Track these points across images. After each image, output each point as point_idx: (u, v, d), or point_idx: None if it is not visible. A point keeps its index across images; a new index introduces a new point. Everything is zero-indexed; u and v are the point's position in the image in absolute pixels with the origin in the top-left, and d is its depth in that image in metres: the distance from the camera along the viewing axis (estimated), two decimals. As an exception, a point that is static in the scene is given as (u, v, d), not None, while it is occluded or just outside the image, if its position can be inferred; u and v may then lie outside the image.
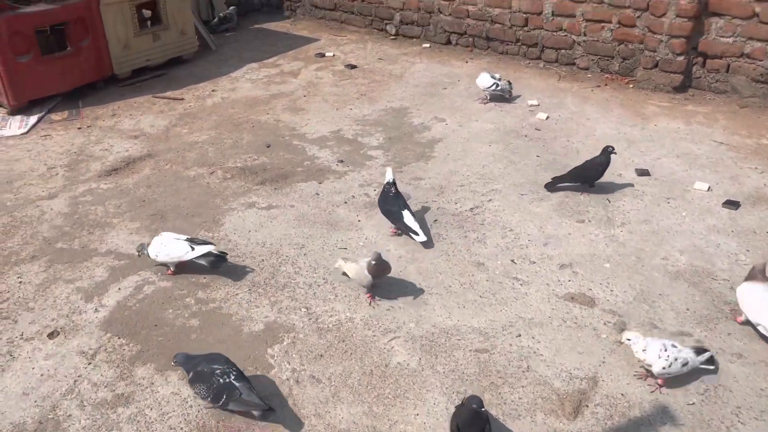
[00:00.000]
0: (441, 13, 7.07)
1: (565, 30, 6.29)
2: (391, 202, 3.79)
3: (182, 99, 5.88)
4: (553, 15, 6.29)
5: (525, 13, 6.45)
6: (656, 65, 5.73)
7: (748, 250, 3.55)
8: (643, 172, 4.40)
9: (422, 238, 3.66)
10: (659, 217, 3.91)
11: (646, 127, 5.12)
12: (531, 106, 5.57)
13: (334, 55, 6.96)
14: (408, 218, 3.69)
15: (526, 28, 6.52)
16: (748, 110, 5.36)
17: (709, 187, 4.17)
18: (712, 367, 2.77)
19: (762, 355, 2.90)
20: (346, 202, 4.17)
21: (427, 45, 7.22)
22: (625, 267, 3.48)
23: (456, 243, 3.75)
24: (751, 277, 3.01)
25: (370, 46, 7.28)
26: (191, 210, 4.14)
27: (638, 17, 5.81)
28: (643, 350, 2.66)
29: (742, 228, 3.77)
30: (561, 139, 4.95)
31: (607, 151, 4.08)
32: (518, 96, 5.74)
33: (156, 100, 5.85)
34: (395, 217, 3.75)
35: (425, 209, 4.08)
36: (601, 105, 5.55)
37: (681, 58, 5.59)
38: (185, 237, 3.47)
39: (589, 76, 6.23)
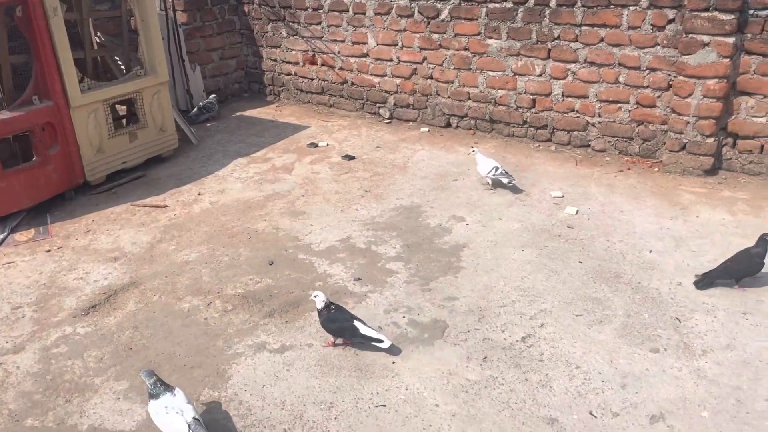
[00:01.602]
0: (439, 95, 6.65)
1: (577, 111, 5.89)
2: (339, 318, 3.41)
3: (165, 206, 5.24)
4: (563, 96, 5.90)
5: (532, 94, 6.06)
6: (683, 148, 5.32)
7: None
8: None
9: (387, 344, 3.35)
10: (743, 340, 3.35)
11: (689, 219, 4.64)
12: (555, 198, 5.06)
13: (328, 145, 6.43)
14: (364, 329, 3.36)
15: (533, 110, 6.12)
16: (790, 193, 4.94)
17: (795, 299, 3.65)
18: None
19: None
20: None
21: (426, 129, 6.76)
22: (727, 415, 2.88)
23: (517, 389, 3.11)
24: None
25: (365, 132, 6.79)
26: (189, 359, 3.44)
27: (659, 97, 5.44)
28: None
29: (844, 350, 3.23)
30: (600, 240, 4.42)
31: (765, 240, 3.72)
32: (533, 185, 5.23)
33: (136, 210, 5.20)
34: (351, 332, 3.38)
35: (467, 341, 3.44)
36: (631, 194, 5.07)
37: (711, 139, 5.19)
38: (191, 414, 2.77)
39: (607, 159, 5.79)
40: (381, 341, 3.35)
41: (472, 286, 3.96)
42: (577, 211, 4.82)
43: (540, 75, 5.95)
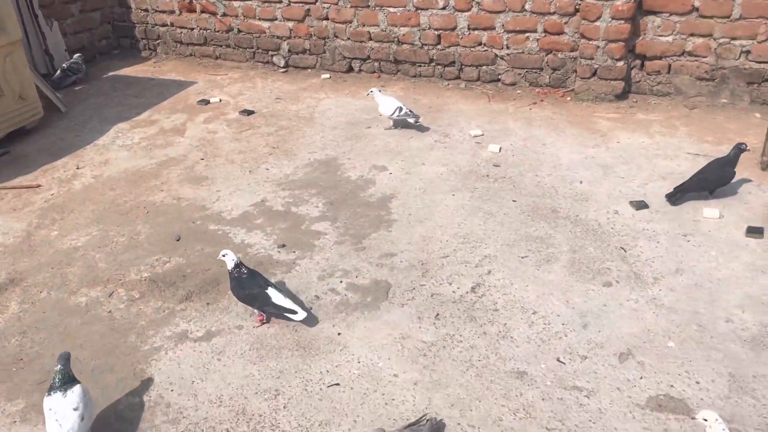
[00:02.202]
0: (338, 38, 6.16)
1: (484, 44, 5.63)
2: (249, 284, 3.01)
3: (39, 186, 4.49)
4: (469, 29, 5.61)
5: (436, 29, 5.72)
6: (594, 74, 5.22)
7: (810, 291, 3.00)
8: (640, 205, 3.78)
9: (301, 315, 2.96)
10: (690, 262, 3.29)
11: (610, 145, 4.55)
12: (476, 137, 4.82)
13: (221, 101, 5.80)
14: (277, 297, 2.97)
15: (439, 47, 5.79)
16: (699, 111, 4.99)
17: (721, 214, 3.63)
18: None
19: None
20: (311, 308, 3.14)
21: (327, 75, 6.28)
22: (693, 343, 2.79)
23: (477, 345, 2.86)
24: None
25: (260, 83, 6.20)
26: (97, 361, 2.91)
27: (566, 23, 5.28)
28: None
29: (782, 260, 3.24)
30: (528, 175, 4.23)
31: (740, 149, 3.71)
32: (450, 125, 4.97)
33: (3, 193, 4.41)
34: (261, 301, 2.99)
35: (415, 299, 3.15)
36: (550, 126, 4.93)
37: (621, 63, 5.12)
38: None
39: (519, 92, 5.62)
40: (294, 312, 2.94)
41: (408, 239, 3.65)
42: (500, 149, 4.60)
43: (444, 8, 5.62)
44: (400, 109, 4.88)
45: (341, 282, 3.32)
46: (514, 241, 3.55)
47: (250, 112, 5.52)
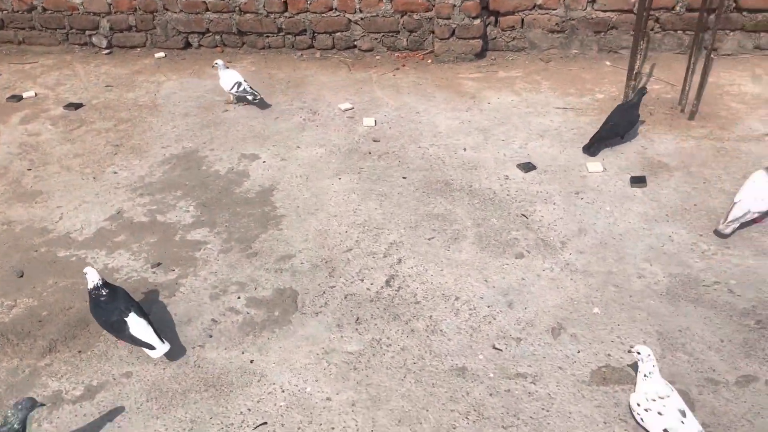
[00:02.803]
0: (168, 10, 5.46)
1: (336, 9, 5.28)
2: (107, 309, 2.58)
3: None
4: (317, -7, 5.21)
5: (281, -5, 5.25)
6: (453, 33, 5.11)
7: (701, 234, 3.14)
8: (527, 167, 3.74)
9: (161, 349, 2.55)
10: (589, 221, 3.30)
11: (482, 107, 4.49)
12: (346, 111, 4.52)
13: (36, 95, 4.91)
14: (136, 326, 2.53)
15: (287, 14, 5.34)
16: (554, 64, 5.09)
17: (604, 167, 3.70)
18: None
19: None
20: (211, 336, 2.71)
21: (162, 54, 5.56)
22: (616, 306, 2.79)
23: (408, 346, 2.64)
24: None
25: (82, 70, 5.34)
26: (-56, 459, 2.26)
27: (419, -18, 5.07)
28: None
29: (671, 206, 3.36)
30: (411, 148, 4.04)
31: (643, 93, 3.88)
32: (316, 100, 4.62)
33: None
34: (117, 330, 2.56)
35: (329, 305, 2.84)
36: (418, 92, 4.75)
37: (477, 21, 5.05)
38: None
39: (378, 58, 5.37)
40: (153, 348, 2.52)
41: (303, 235, 3.30)
42: (375, 122, 4.34)
43: (287, -29, 5.15)
44: (239, 84, 4.47)
45: (239, 298, 2.91)
46: (416, 223, 3.34)
47: (77, 106, 4.72)
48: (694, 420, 2.13)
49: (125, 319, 2.52)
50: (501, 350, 2.59)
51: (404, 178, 3.73)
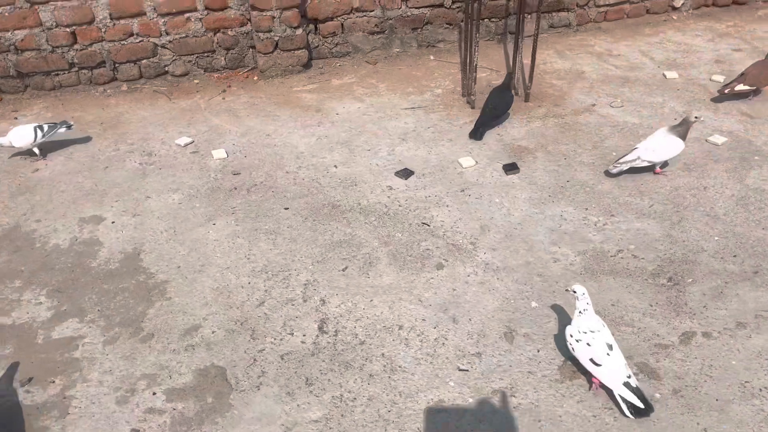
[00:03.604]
0: None
1: (137, 34, 4.69)
2: None
3: None
4: (112, 19, 4.58)
5: (68, 26, 4.52)
6: (276, 47, 4.84)
7: (586, 209, 3.34)
8: (406, 174, 3.68)
9: None
10: (486, 216, 3.34)
11: (333, 119, 4.32)
12: (187, 146, 4.04)
13: None
14: None
15: (78, 47, 4.62)
16: (382, 65, 5.09)
17: (475, 160, 3.78)
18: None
19: None
20: (140, 452, 2.21)
21: None
22: (548, 295, 2.84)
23: (375, 394, 2.41)
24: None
25: None
26: None
27: (229, -4, 4.71)
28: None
29: (549, 187, 3.52)
30: (278, 174, 3.74)
31: (511, 76, 4.10)
32: (145, 140, 4.08)
33: None
34: None
35: (266, 373, 2.49)
36: (258, 113, 4.43)
37: (300, 30, 4.84)
38: None
39: (197, 82, 4.90)
40: None
41: (200, 299, 2.86)
42: (226, 153, 3.93)
43: (71, -3, 4.43)
44: (41, 128, 3.83)
45: (154, 394, 2.41)
46: (321, 255, 3.08)
47: None
48: (620, 354, 2.31)
49: None
50: (467, 370, 2.48)
51: (286, 209, 3.42)
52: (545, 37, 5.40)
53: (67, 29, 4.51)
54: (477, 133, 3.95)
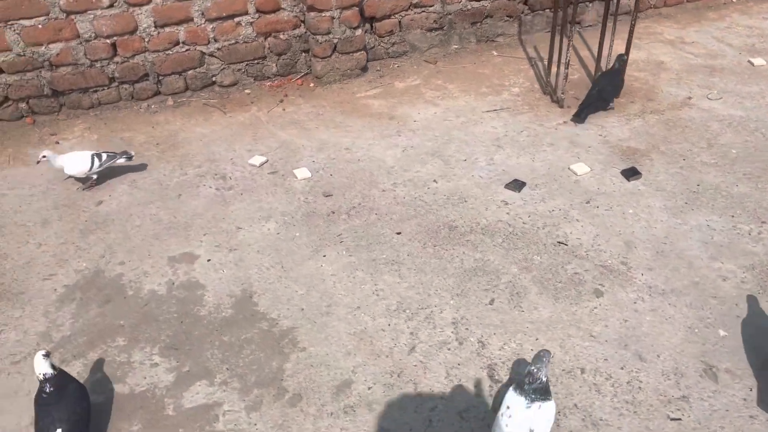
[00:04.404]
0: (-61, 81, 3.91)
1: (184, 43, 4.26)
2: (41, 413, 2.11)
3: None
4: (156, 27, 4.14)
5: (108, 37, 4.07)
6: (335, 49, 4.45)
7: (732, 216, 3.06)
8: (517, 186, 3.35)
9: None
10: (626, 231, 3.03)
11: (412, 127, 3.97)
12: (261, 165, 3.65)
13: None
14: None
15: (118, 59, 4.17)
16: (444, 64, 4.75)
17: (589, 167, 3.47)
18: None
19: None
20: None
21: (-56, 143, 3.99)
22: (732, 318, 2.54)
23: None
24: None
25: None
26: None
27: (282, -4, 4.31)
28: None
29: (680, 192, 3.23)
30: (374, 193, 3.38)
31: (622, 59, 3.81)
32: (214, 160, 3.68)
33: None
34: None
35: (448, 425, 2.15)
36: (327, 124, 4.05)
37: (359, 31, 4.46)
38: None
39: (248, 93, 4.49)
40: None
41: (341, 348, 2.50)
42: (310, 173, 3.56)
43: (111, 5, 3.98)
44: (98, 156, 3.44)
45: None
46: (458, 287, 2.74)
47: None
48: None
49: None
50: (680, 419, 2.17)
51: (398, 233, 3.07)
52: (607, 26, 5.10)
53: (107, 40, 4.06)
54: (580, 116, 3.79)
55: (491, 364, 2.39)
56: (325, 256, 2.94)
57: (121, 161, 3.51)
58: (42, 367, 2.09)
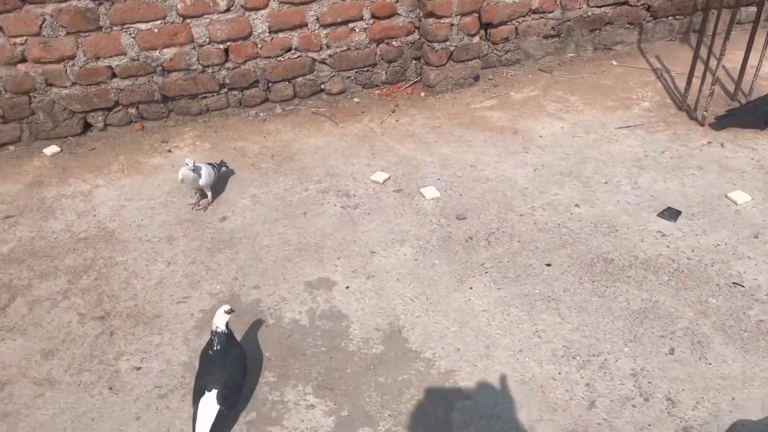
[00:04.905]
0: (52, 86, 3.83)
1: (296, 49, 4.10)
2: (203, 367, 2.23)
3: None
4: (270, 33, 3.98)
5: (221, 42, 3.93)
6: (450, 57, 4.22)
7: None
8: (672, 214, 3.08)
9: None
10: (802, 270, 2.73)
11: (538, 143, 3.72)
12: (384, 182, 3.46)
13: None
14: (204, 415, 2.08)
15: (229, 65, 4.03)
16: (560, 74, 4.49)
17: (750, 196, 3.16)
18: None
19: None
20: None
21: (56, 149, 3.92)
22: None
23: None
24: None
25: (-61, 196, 3.53)
26: None
27: (398, 1, 4.10)
28: None
29: None
30: (512, 218, 3.15)
31: None
32: (331, 175, 3.49)
33: None
34: (193, 401, 2.17)
35: None
36: (447, 138, 3.84)
37: (476, 39, 4.23)
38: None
39: (357, 101, 4.31)
40: None
41: (509, 397, 2.27)
42: (438, 192, 3.35)
43: (228, 10, 3.84)
44: (215, 167, 3.38)
45: None
46: (629, 331, 2.49)
47: (-20, 263, 3.03)
48: None
49: (201, 396, 2.11)
50: None
51: (548, 265, 2.84)
52: (732, 36, 4.74)
53: (221, 46, 3.93)
54: (721, 122, 3.57)
55: (686, 427, 2.14)
56: (471, 288, 2.73)
57: (226, 168, 3.44)
58: (220, 321, 2.22)
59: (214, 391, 2.10)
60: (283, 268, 2.89)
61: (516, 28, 4.43)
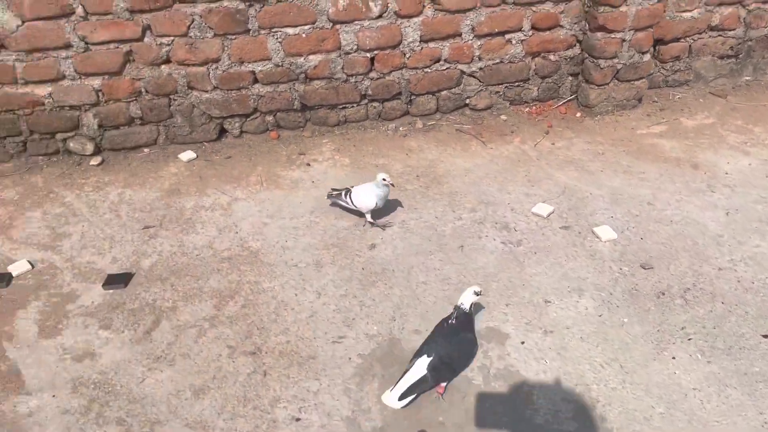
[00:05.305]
0: (194, 89, 3.66)
1: (446, 60, 3.77)
2: (434, 333, 2.31)
3: None
4: (421, 42, 3.67)
5: (369, 50, 3.65)
6: (615, 75, 3.79)
7: None
8: None
9: (392, 401, 2.15)
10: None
11: (724, 181, 3.27)
12: (548, 216, 3.08)
13: (33, 266, 2.98)
14: (413, 372, 2.16)
15: (373, 75, 3.75)
16: (735, 99, 3.98)
17: None
18: None
19: None
20: None
21: (192, 155, 3.76)
22: None
23: None
24: None
25: (77, 200, 3.42)
26: None
27: (563, 12, 3.70)
28: None
29: None
30: (707, 271, 2.71)
31: None
32: (486, 203, 3.14)
33: None
34: (413, 356, 2.24)
35: None
36: (612, 167, 3.43)
37: (647, 56, 3.77)
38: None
39: (503, 118, 3.95)
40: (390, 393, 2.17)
41: None
42: (615, 233, 2.93)
43: (380, 16, 3.55)
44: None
45: None
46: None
47: (124, 277, 2.86)
48: None
49: (416, 360, 2.19)
50: None
51: (765, 337, 2.38)
52: None
53: (367, 54, 3.66)
54: None
55: None
56: (674, 358, 2.33)
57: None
58: (466, 299, 2.29)
59: (429, 358, 2.15)
60: (443, 311, 2.57)
61: (690, 46, 3.94)
